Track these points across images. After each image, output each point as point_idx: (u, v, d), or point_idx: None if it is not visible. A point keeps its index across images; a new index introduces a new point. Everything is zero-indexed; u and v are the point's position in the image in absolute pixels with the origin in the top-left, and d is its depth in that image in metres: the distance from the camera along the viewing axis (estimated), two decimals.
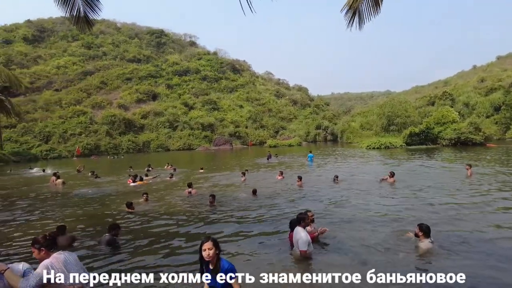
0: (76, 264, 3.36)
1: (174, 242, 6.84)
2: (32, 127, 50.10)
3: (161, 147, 56.43)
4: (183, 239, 6.98)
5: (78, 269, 3.33)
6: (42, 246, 3.23)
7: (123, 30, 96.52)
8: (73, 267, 3.26)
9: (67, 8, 6.28)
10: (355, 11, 6.48)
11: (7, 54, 66.48)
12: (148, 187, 14.89)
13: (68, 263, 3.25)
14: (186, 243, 6.75)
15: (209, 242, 3.36)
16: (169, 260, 5.88)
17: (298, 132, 69.89)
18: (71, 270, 3.21)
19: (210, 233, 7.38)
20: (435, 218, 7.74)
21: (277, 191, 12.59)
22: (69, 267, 3.22)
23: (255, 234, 7.23)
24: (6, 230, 8.25)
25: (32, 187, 16.36)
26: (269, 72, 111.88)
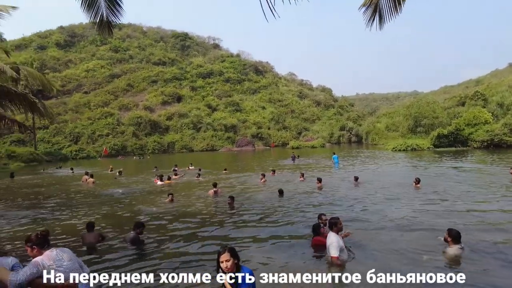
0: (70, 259, 3.37)
1: (193, 243, 6.87)
2: (63, 128, 52.27)
3: (185, 148, 57.34)
4: (200, 241, 7.00)
5: (72, 264, 3.35)
6: (34, 244, 3.27)
7: (148, 34, 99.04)
8: (65, 263, 3.28)
9: (92, 13, 6.46)
10: (375, 10, 6.20)
11: (42, 59, 69.75)
12: (174, 186, 15.19)
13: (59, 259, 3.26)
14: (202, 245, 6.76)
15: (226, 253, 3.14)
16: (187, 261, 5.90)
17: (321, 133, 69.03)
18: (63, 266, 3.23)
19: (226, 234, 7.34)
20: (469, 224, 7.33)
21: (297, 193, 12.45)
22: (60, 263, 3.24)
23: (274, 236, 7.16)
24: (38, 227, 8.54)
25: (63, 186, 17.01)
26: (292, 73, 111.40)
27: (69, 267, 3.27)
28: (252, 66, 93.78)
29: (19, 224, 8.94)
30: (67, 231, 8.15)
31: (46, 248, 3.30)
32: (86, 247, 6.77)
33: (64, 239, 7.46)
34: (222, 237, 7.26)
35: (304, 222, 8.11)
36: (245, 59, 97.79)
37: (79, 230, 7.98)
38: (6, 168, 28.06)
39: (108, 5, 6.54)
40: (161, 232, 7.70)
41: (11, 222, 9.14)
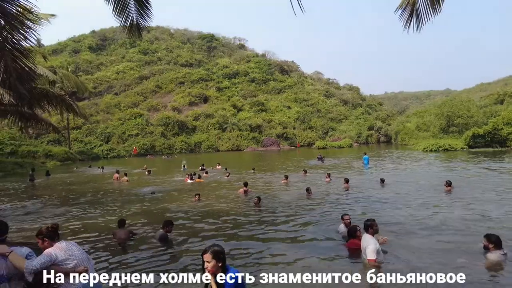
0: (79, 250, 3.54)
1: (219, 242, 6.86)
2: (94, 128, 54.39)
3: (211, 147, 58.07)
4: (227, 240, 7.07)
5: (81, 254, 3.52)
6: (45, 236, 3.41)
7: (176, 36, 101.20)
8: (76, 252, 3.45)
9: (123, 17, 6.66)
10: (412, 12, 6.02)
11: (75, 62, 73.04)
12: (203, 185, 15.46)
13: (70, 249, 3.43)
14: (228, 244, 6.80)
15: (209, 254, 2.97)
16: None
17: (348, 133, 67.72)
18: (74, 255, 3.41)
19: (252, 234, 7.32)
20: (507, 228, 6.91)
21: (323, 193, 12.32)
22: (71, 253, 3.41)
23: (299, 237, 7.11)
24: (71, 222, 8.89)
25: (95, 184, 17.70)
26: (318, 72, 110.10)
27: (79, 257, 3.46)
28: (278, 66, 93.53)
29: (53, 220, 9.36)
30: (99, 227, 8.44)
31: (56, 240, 3.45)
32: (117, 243, 6.97)
33: (97, 235, 7.72)
34: (248, 236, 7.28)
35: (329, 223, 8.03)
36: (271, 59, 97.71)
37: (111, 226, 8.24)
38: (43, 166, 29.57)
39: (138, 9, 6.73)
40: (188, 231, 7.83)
41: (46, 218, 9.59)
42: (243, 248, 6.53)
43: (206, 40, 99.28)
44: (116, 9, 6.48)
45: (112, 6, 6.53)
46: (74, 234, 7.89)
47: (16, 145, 34.80)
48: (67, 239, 3.66)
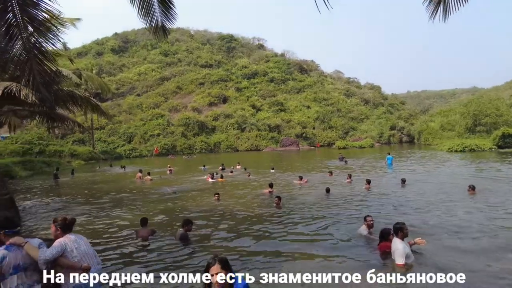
0: (86, 245, 3.71)
1: (238, 241, 6.96)
2: (117, 128, 55.71)
3: (230, 147, 58.33)
4: (246, 239, 7.05)
5: (88, 249, 3.69)
6: (60, 225, 3.58)
7: (196, 37, 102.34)
8: (82, 247, 3.62)
9: (148, 19, 6.76)
10: (440, 1, 5.83)
11: (99, 64, 75.09)
12: (225, 185, 15.68)
13: (78, 242, 3.60)
14: (248, 244, 6.77)
15: (216, 266, 2.57)
16: (233, 259, 5.88)
17: (370, 133, 66.40)
18: (80, 249, 3.57)
19: (269, 235, 7.23)
20: None
21: (344, 194, 12.13)
22: (78, 246, 3.57)
23: (322, 238, 6.99)
24: (93, 221, 9.08)
25: (117, 183, 18.10)
26: (339, 70, 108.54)
27: (85, 251, 3.62)
28: (297, 65, 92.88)
29: (76, 217, 9.56)
30: (122, 225, 8.59)
31: (68, 232, 3.61)
32: (140, 241, 7.07)
33: (119, 233, 7.86)
34: (267, 236, 7.23)
35: (350, 224, 7.93)
36: (290, 59, 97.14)
37: (133, 225, 8.38)
38: (69, 165, 30.52)
39: (163, 10, 6.78)
40: (208, 230, 7.86)
41: (72, 215, 9.82)
42: (262, 248, 6.49)
43: (226, 41, 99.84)
44: (141, 11, 6.57)
45: (136, 9, 6.62)
46: (96, 232, 8.06)
47: (43, 144, 36.11)
48: (77, 234, 3.78)
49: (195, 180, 17.95)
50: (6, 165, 21.04)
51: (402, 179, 14.06)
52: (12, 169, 21.55)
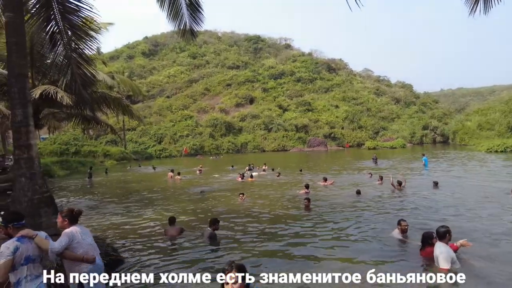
0: (90, 237, 3.87)
1: (269, 243, 6.84)
2: (148, 129, 57.41)
3: (257, 148, 58.46)
4: (271, 240, 6.96)
5: (92, 241, 3.84)
6: (67, 216, 3.71)
7: (223, 39, 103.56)
8: (88, 238, 3.77)
9: (176, 22, 6.87)
10: None
11: (130, 67, 77.78)
12: (255, 185, 15.78)
13: (84, 233, 3.74)
14: (273, 245, 6.67)
15: (233, 273, 2.36)
16: (253, 260, 5.87)
17: (401, 133, 64.26)
18: (86, 240, 3.71)
19: (297, 237, 7.08)
20: None
21: (376, 196, 11.80)
22: (84, 237, 3.72)
23: (352, 242, 6.77)
24: (124, 219, 9.32)
25: (148, 183, 18.57)
26: (368, 69, 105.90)
27: (90, 243, 3.76)
28: (325, 64, 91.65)
29: (109, 216, 9.95)
30: (152, 224, 8.77)
31: (74, 224, 3.74)
32: (168, 239, 7.19)
33: (149, 231, 8.03)
34: (294, 237, 7.09)
35: (381, 227, 7.66)
36: (317, 58, 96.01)
37: (162, 223, 8.55)
38: (102, 165, 31.75)
39: (191, 14, 6.87)
40: (235, 230, 7.87)
41: (103, 214, 10.20)
42: (289, 250, 6.40)
43: (252, 42, 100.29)
44: (170, 15, 6.69)
45: (166, 12, 6.74)
46: (127, 230, 8.27)
47: (79, 145, 37.82)
48: (82, 226, 3.92)
49: (225, 180, 18.14)
50: (46, 165, 22.17)
51: (434, 181, 13.49)
52: (51, 169, 22.70)
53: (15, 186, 5.37)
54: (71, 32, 6.13)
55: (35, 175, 5.35)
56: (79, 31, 6.24)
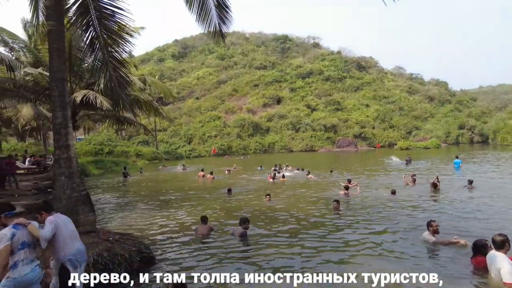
0: (71, 223, 4.15)
1: (298, 244, 6.76)
2: (178, 130, 58.83)
3: (284, 148, 58.21)
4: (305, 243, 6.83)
5: (72, 226, 4.13)
6: (41, 210, 3.98)
7: (251, 40, 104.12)
8: (69, 225, 4.07)
9: (205, 24, 6.98)
10: None
11: (161, 70, 79.98)
12: (286, 185, 15.84)
13: (64, 221, 4.02)
14: (300, 247, 6.57)
15: None
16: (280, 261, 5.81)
17: (435, 132, 61.61)
18: (68, 226, 4.02)
19: (323, 239, 6.93)
20: None
21: (408, 197, 11.42)
22: (66, 224, 4.00)
23: (381, 244, 6.53)
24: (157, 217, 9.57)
25: (180, 182, 19.00)
26: (400, 66, 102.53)
27: (72, 229, 4.07)
28: (354, 63, 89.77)
29: (142, 214, 10.26)
30: (183, 221, 8.97)
31: (52, 212, 4.02)
32: (199, 238, 7.35)
33: (179, 229, 8.21)
34: (321, 240, 6.94)
35: (413, 229, 7.46)
36: (347, 56, 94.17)
37: (193, 222, 8.72)
38: (134, 165, 32.82)
39: (219, 15, 6.95)
40: (264, 230, 7.87)
41: (136, 212, 10.55)
42: (318, 251, 6.31)
43: (280, 42, 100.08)
44: (199, 17, 6.81)
45: (195, 15, 6.86)
46: (158, 227, 8.47)
47: (112, 145, 39.38)
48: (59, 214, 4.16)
49: (255, 180, 18.24)
50: (82, 164, 23.25)
51: (469, 180, 12.87)
52: (87, 168, 23.81)
53: (55, 184, 5.67)
54: (107, 36, 6.43)
55: (73, 174, 5.62)
56: (114, 35, 6.53)
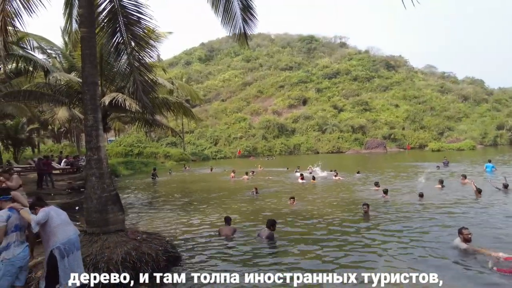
0: (64, 214, 4.28)
1: (326, 248, 6.64)
2: (205, 132, 59.78)
3: (310, 150, 57.58)
4: (332, 246, 6.72)
5: (66, 217, 4.26)
6: (35, 206, 4.15)
7: (276, 41, 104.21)
8: (62, 216, 4.21)
9: (231, 27, 7.05)
10: None
11: (188, 73, 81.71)
12: (316, 186, 15.72)
13: (57, 211, 4.19)
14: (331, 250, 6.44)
15: None
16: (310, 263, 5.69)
17: (470, 133, 58.65)
18: (61, 217, 4.18)
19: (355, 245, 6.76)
20: None
21: (439, 201, 10.95)
22: (58, 214, 4.17)
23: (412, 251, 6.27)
24: (184, 217, 9.75)
25: (207, 183, 19.19)
26: (431, 65, 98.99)
27: (65, 219, 4.23)
28: (383, 62, 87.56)
29: (169, 213, 10.49)
30: (208, 222, 9.07)
31: (44, 205, 4.23)
32: (223, 239, 7.41)
33: (205, 229, 8.33)
34: (351, 243, 6.78)
35: (443, 235, 7.14)
36: (375, 55, 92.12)
37: (217, 222, 8.81)
38: (163, 166, 33.66)
39: (244, 17, 7.00)
40: (291, 232, 7.82)
41: (163, 212, 10.82)
42: (345, 255, 6.18)
43: (306, 42, 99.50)
44: (224, 20, 6.89)
45: (220, 18, 6.94)
46: (184, 227, 8.63)
47: (142, 147, 40.62)
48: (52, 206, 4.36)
49: (282, 182, 18.20)
50: (112, 165, 24.12)
51: (503, 183, 12.16)
52: (117, 168, 24.68)
53: (86, 184, 5.90)
54: (133, 42, 6.66)
55: (103, 174, 5.83)
56: (140, 41, 6.75)
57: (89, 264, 4.77)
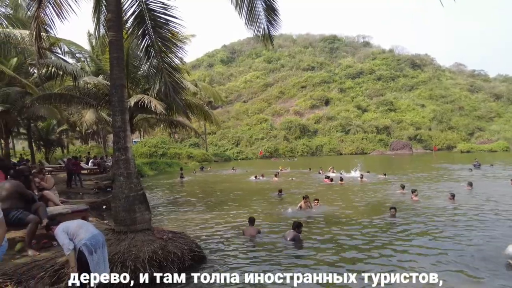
0: (76, 220, 4.46)
1: (349, 252, 6.48)
2: (227, 133, 60.21)
3: (333, 151, 56.82)
4: (357, 249, 6.56)
5: (80, 220, 4.43)
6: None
7: (298, 41, 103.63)
8: (74, 221, 4.26)
9: (254, 28, 7.07)
10: None
11: (210, 75, 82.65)
12: (343, 188, 15.68)
13: (64, 223, 4.20)
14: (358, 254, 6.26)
15: None
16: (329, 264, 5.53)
17: (503, 133, 55.96)
18: (73, 222, 4.21)
19: (380, 249, 6.55)
20: None
21: (469, 205, 10.53)
22: (70, 222, 4.22)
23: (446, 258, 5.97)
24: (210, 217, 9.83)
25: (231, 183, 19.31)
26: (459, 63, 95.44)
27: (82, 221, 4.31)
28: (408, 61, 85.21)
29: (194, 213, 10.58)
30: (233, 222, 9.13)
31: None
32: (248, 239, 7.42)
33: (229, 229, 8.39)
34: (376, 248, 6.57)
35: (480, 242, 6.77)
36: (399, 54, 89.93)
37: (242, 223, 8.83)
38: (186, 166, 34.13)
39: (268, 18, 6.99)
40: (316, 233, 7.73)
41: (188, 212, 10.95)
42: (370, 258, 6.00)
43: (328, 42, 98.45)
44: (248, 20, 6.91)
45: (244, 19, 6.96)
46: (209, 227, 8.69)
47: (166, 148, 41.38)
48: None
49: (309, 182, 18.12)
50: (138, 165, 24.70)
51: None
52: (142, 169, 25.25)
53: (114, 184, 6.05)
54: (161, 44, 6.79)
55: (131, 174, 5.95)
56: (168, 43, 6.88)
57: (116, 262, 4.81)
